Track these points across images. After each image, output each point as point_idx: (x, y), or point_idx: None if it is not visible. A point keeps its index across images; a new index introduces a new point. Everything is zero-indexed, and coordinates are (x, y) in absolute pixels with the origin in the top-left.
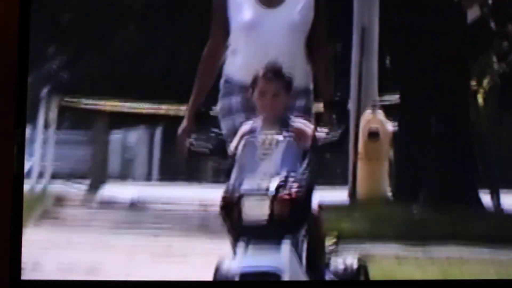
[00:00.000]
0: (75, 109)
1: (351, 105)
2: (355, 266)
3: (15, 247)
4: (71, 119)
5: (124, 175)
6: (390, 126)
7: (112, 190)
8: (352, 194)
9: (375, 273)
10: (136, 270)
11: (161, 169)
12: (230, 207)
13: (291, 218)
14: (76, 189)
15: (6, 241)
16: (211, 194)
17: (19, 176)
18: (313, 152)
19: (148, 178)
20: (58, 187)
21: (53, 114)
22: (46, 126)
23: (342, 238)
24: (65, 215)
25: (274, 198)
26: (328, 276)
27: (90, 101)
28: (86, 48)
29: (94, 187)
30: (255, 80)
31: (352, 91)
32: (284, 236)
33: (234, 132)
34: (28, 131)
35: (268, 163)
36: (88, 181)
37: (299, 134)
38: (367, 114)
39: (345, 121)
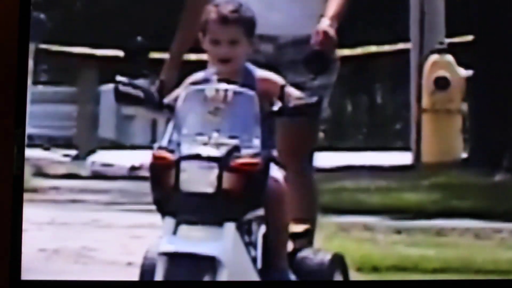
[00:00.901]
0: (55, 58)
1: (412, 48)
2: (327, 262)
3: (15, 247)
4: (50, 70)
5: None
6: (463, 72)
7: (105, 157)
8: (417, 157)
9: (451, 255)
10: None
11: None
12: (164, 169)
13: (243, 194)
14: (60, 156)
15: (6, 241)
16: None
17: (19, 176)
18: (280, 114)
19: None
20: (37, 153)
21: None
22: None
23: (406, 212)
24: (47, 188)
25: (224, 167)
26: (289, 275)
27: (74, 48)
28: None
29: (82, 154)
30: (205, 24)
31: (413, 31)
32: (229, 216)
33: None
34: None
35: (219, 121)
36: (73, 148)
37: (264, 90)
38: (432, 58)
39: (326, 77)
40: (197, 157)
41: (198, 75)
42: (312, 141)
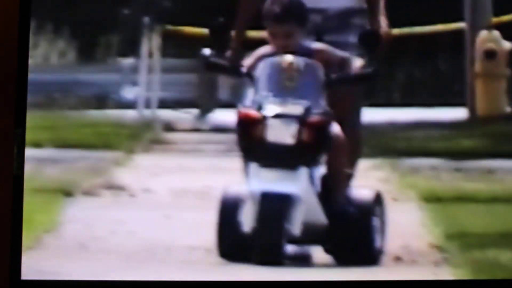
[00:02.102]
0: (179, 36)
1: (466, 25)
2: (370, 197)
3: (15, 247)
4: (176, 46)
5: (235, 101)
6: (507, 44)
7: (224, 116)
8: (472, 111)
9: (497, 188)
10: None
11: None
12: (251, 124)
13: (316, 144)
14: (185, 115)
15: (6, 241)
16: None
17: (19, 176)
18: (338, 82)
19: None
20: (167, 114)
21: (156, 42)
22: (150, 54)
23: (463, 154)
24: (175, 140)
25: (302, 123)
26: (344, 207)
27: (195, 29)
28: None
29: (204, 114)
30: (263, 18)
31: (466, 10)
32: (304, 162)
33: None
34: (131, 60)
35: (292, 86)
36: (196, 109)
37: (320, 59)
38: (482, 34)
39: (375, 55)
40: (280, 115)
41: (265, 49)
42: (359, 101)
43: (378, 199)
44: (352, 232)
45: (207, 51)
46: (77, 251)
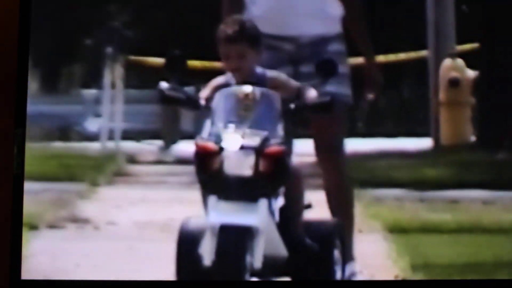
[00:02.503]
0: (142, 67)
1: (429, 54)
2: (329, 228)
3: (15, 247)
4: (138, 77)
5: (198, 132)
6: (471, 73)
7: (187, 148)
8: (436, 140)
9: (462, 218)
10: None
11: None
12: (208, 157)
13: (274, 175)
14: (149, 146)
15: (6, 241)
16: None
17: (19, 176)
18: (296, 111)
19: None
20: (130, 145)
21: (119, 73)
22: (113, 85)
23: (427, 184)
24: (138, 172)
25: (260, 154)
26: (304, 239)
27: (158, 59)
28: (148, 5)
29: (167, 145)
30: (217, 41)
31: (430, 39)
32: (262, 193)
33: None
34: (94, 91)
35: (249, 116)
36: (160, 140)
37: (275, 88)
38: (446, 62)
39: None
40: (237, 146)
41: (220, 79)
42: (344, 128)
43: (338, 230)
44: (312, 265)
45: (163, 84)
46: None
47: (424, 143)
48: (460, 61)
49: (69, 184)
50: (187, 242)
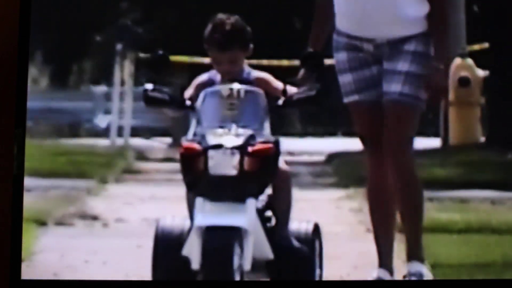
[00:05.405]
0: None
1: None
2: (310, 230)
3: (15, 247)
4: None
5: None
6: (481, 73)
7: None
8: (445, 140)
9: (471, 218)
10: None
11: None
12: (193, 158)
13: (260, 174)
14: (158, 143)
15: (6, 241)
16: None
17: (19, 176)
18: (284, 107)
19: None
20: (139, 142)
21: (129, 70)
22: (122, 82)
23: (437, 184)
24: (148, 169)
25: (245, 153)
26: (289, 241)
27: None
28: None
29: (176, 142)
30: (206, 43)
31: None
32: (250, 193)
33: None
34: (104, 88)
35: (234, 115)
36: (169, 138)
37: (260, 87)
38: (456, 61)
39: (321, 77)
40: (222, 146)
41: (204, 77)
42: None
43: (317, 232)
44: (296, 266)
45: (148, 85)
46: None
47: (433, 143)
48: (470, 61)
49: (78, 181)
50: (166, 243)
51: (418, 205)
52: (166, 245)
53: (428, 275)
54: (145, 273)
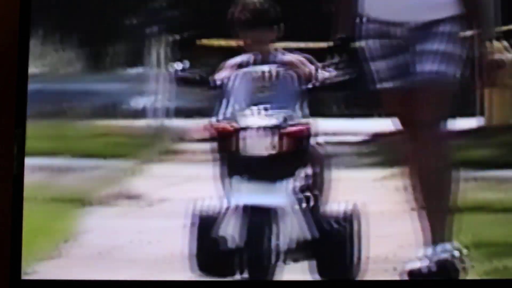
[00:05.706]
0: (189, 47)
1: (475, 36)
2: (349, 210)
3: (15, 247)
4: (185, 57)
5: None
6: None
7: None
8: (486, 120)
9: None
10: None
11: None
12: (225, 138)
13: (294, 154)
14: (195, 124)
15: (6, 241)
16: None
17: (19, 176)
18: (313, 91)
19: None
20: (179, 123)
21: (164, 52)
22: (159, 64)
23: (474, 164)
24: (187, 149)
25: (279, 133)
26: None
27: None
28: None
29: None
30: (234, 24)
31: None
32: (285, 174)
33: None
34: (140, 69)
35: (265, 97)
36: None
37: (294, 67)
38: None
39: (353, 62)
40: (256, 126)
41: (237, 59)
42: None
43: (355, 212)
44: (334, 247)
45: (178, 65)
46: (97, 260)
47: (473, 123)
48: (504, 43)
49: (118, 161)
50: (205, 224)
51: (448, 187)
52: (204, 225)
53: (456, 253)
54: (190, 252)
